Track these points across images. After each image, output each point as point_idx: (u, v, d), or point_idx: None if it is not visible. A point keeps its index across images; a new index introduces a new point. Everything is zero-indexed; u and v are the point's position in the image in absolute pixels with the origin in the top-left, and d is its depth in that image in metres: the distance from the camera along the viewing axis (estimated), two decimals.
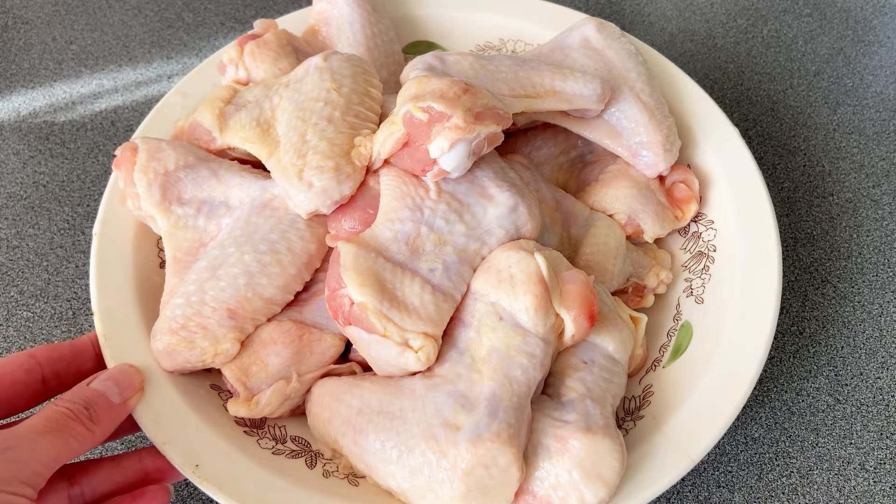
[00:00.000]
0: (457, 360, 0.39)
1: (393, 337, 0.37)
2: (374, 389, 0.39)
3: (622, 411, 0.44)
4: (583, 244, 0.47)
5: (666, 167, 0.49)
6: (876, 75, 0.70)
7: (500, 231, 0.41)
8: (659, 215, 0.49)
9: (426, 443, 0.36)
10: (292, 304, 0.43)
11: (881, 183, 0.62)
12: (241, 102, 0.46)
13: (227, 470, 0.38)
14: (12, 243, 0.57)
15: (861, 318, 0.54)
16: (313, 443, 0.42)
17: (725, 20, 0.74)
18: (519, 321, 0.39)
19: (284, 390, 0.41)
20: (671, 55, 0.69)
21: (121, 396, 0.38)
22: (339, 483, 0.40)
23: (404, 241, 0.40)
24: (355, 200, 0.42)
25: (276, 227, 0.43)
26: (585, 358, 0.41)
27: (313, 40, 0.56)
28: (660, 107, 0.49)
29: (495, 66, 0.45)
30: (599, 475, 0.36)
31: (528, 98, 0.45)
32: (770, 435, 0.49)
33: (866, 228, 0.59)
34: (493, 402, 0.36)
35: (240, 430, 0.42)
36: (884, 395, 0.51)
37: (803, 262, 0.57)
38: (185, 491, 0.45)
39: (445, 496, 0.36)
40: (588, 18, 0.52)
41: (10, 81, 0.66)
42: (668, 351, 0.46)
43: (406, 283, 0.38)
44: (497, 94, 0.44)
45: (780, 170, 0.63)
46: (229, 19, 0.73)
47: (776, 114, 0.67)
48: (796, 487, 0.47)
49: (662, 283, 0.49)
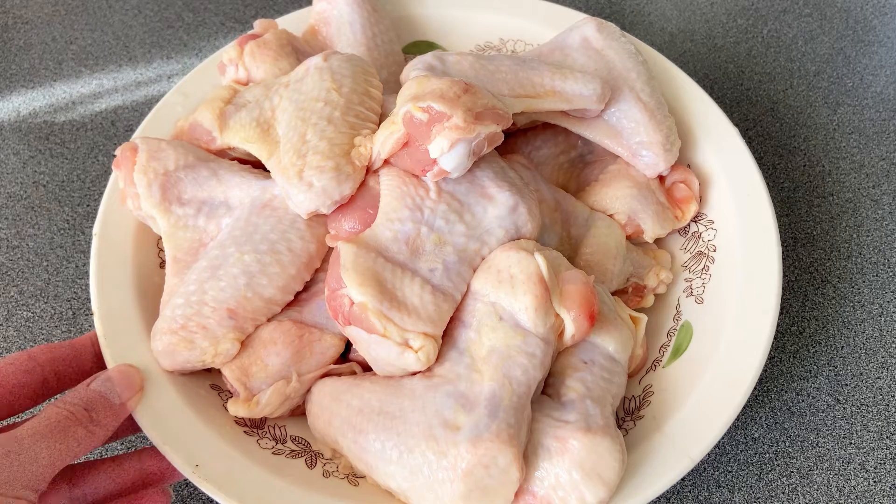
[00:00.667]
0: (457, 360, 0.39)
1: (393, 337, 0.37)
2: (374, 389, 0.39)
3: (622, 411, 0.44)
4: (583, 244, 0.47)
5: (666, 167, 0.49)
6: (876, 75, 0.70)
7: (500, 231, 0.41)
8: (659, 215, 0.49)
9: (426, 443, 0.36)
10: (292, 304, 0.43)
11: (881, 183, 0.62)
12: (241, 102, 0.46)
13: (227, 470, 0.38)
14: (12, 243, 0.57)
15: (861, 318, 0.54)
16: (313, 443, 0.42)
17: (725, 20, 0.74)
18: (519, 321, 0.39)
19: (284, 390, 0.41)
20: (671, 55, 0.69)
21: (121, 397, 0.38)
22: (339, 483, 0.40)
23: (404, 241, 0.40)
24: (355, 200, 0.42)
25: (276, 227, 0.43)
26: (585, 358, 0.41)
27: (313, 40, 0.56)
28: (660, 107, 0.49)
29: (495, 66, 0.45)
30: (599, 475, 0.36)
31: (529, 98, 0.45)
32: (770, 435, 0.49)
33: (866, 228, 0.59)
34: (493, 402, 0.36)
35: (240, 430, 0.42)
36: (884, 395, 0.51)
37: (803, 262, 0.57)
38: (185, 491, 0.45)
39: (445, 496, 0.36)
40: (588, 18, 0.52)
41: (10, 81, 0.66)
42: (668, 351, 0.46)
43: (406, 283, 0.38)
44: (497, 93, 0.44)
45: (780, 170, 0.63)
46: (229, 19, 0.73)
47: (776, 114, 0.67)
48: (796, 487, 0.47)
49: (662, 283, 0.49)
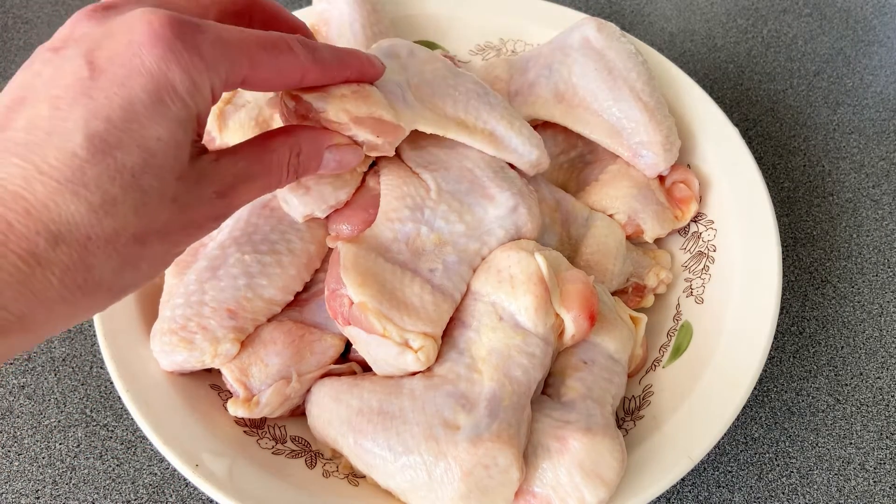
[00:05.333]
0: (457, 360, 0.39)
1: (392, 337, 0.37)
2: (373, 389, 0.39)
3: (622, 411, 0.44)
4: (583, 244, 0.47)
5: (666, 167, 0.49)
6: (876, 75, 0.70)
7: (500, 231, 0.41)
8: (659, 215, 0.49)
9: (426, 443, 0.36)
10: (292, 305, 0.43)
11: (881, 183, 0.62)
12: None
13: (227, 470, 0.38)
14: None
15: (861, 318, 0.54)
16: (313, 443, 0.42)
17: (725, 20, 0.74)
18: (519, 321, 0.39)
19: (284, 390, 0.41)
20: (671, 55, 0.69)
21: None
22: (339, 483, 0.40)
23: (404, 241, 0.40)
24: (355, 201, 0.42)
25: (276, 227, 0.43)
26: (585, 358, 0.41)
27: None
28: (660, 107, 0.49)
29: (457, 82, 0.43)
30: (599, 475, 0.36)
31: (461, 127, 0.42)
32: (770, 435, 0.49)
33: (866, 228, 0.59)
34: (493, 402, 0.36)
35: (240, 430, 0.42)
36: (884, 395, 0.51)
37: (803, 262, 0.57)
38: (185, 491, 0.45)
39: (445, 496, 0.36)
40: (588, 18, 0.52)
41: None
42: (668, 351, 0.46)
43: (406, 284, 0.38)
44: (436, 105, 0.41)
45: (780, 170, 0.63)
46: None
47: (776, 114, 0.67)
48: (796, 487, 0.47)
49: (662, 283, 0.49)
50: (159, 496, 0.45)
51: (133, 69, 0.26)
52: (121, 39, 0.27)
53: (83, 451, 0.47)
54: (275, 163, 0.33)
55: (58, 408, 0.48)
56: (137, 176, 0.26)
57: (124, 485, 0.46)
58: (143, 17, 0.27)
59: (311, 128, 0.35)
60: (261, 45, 0.30)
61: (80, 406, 0.49)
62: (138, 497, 0.45)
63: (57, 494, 0.45)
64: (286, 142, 0.33)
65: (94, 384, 0.49)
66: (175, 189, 0.28)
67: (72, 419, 0.48)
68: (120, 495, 0.45)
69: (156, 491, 0.45)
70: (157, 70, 0.26)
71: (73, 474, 0.46)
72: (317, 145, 0.35)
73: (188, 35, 0.27)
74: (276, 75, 0.31)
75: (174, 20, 0.27)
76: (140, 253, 0.28)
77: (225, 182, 0.30)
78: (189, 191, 0.29)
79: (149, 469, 0.46)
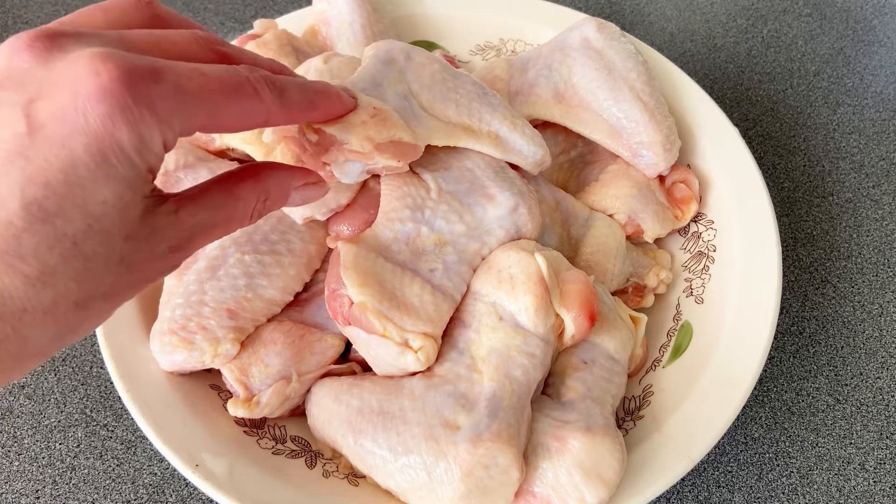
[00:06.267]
0: (457, 360, 0.39)
1: (392, 337, 0.37)
2: (373, 389, 0.39)
3: (622, 411, 0.44)
4: (583, 244, 0.47)
5: (666, 167, 0.49)
6: (876, 75, 0.70)
7: (500, 231, 0.41)
8: (659, 215, 0.49)
9: (426, 443, 0.36)
10: (292, 305, 0.43)
11: (881, 183, 0.62)
12: None
13: (227, 470, 0.38)
14: None
15: (861, 318, 0.54)
16: (313, 443, 0.42)
17: (725, 20, 0.74)
18: (519, 321, 0.39)
19: (284, 390, 0.41)
20: (671, 55, 0.69)
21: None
22: (339, 483, 0.40)
23: (405, 241, 0.40)
24: (356, 201, 0.42)
25: (276, 227, 0.43)
26: (585, 358, 0.41)
27: (313, 40, 0.56)
28: (660, 107, 0.49)
29: (456, 84, 0.43)
30: (599, 475, 0.36)
31: (466, 131, 0.42)
32: (770, 435, 0.49)
33: (866, 228, 0.59)
34: (493, 402, 0.36)
35: (240, 430, 0.42)
36: (884, 395, 0.51)
37: (803, 262, 0.57)
38: (185, 491, 0.45)
39: (445, 496, 0.36)
40: (588, 18, 0.52)
41: None
42: (668, 351, 0.46)
43: (406, 284, 0.38)
44: (440, 111, 0.41)
45: (780, 170, 0.63)
46: (229, 19, 0.73)
47: (776, 114, 0.67)
48: (796, 487, 0.47)
49: (662, 283, 0.49)
50: (159, 496, 0.45)
51: (75, 128, 0.24)
52: (64, 91, 0.24)
53: (83, 451, 0.47)
54: (239, 210, 0.31)
55: (58, 408, 0.48)
56: (80, 243, 0.24)
57: (124, 485, 0.46)
58: (91, 67, 0.24)
59: (279, 168, 0.33)
60: (223, 91, 0.27)
61: (80, 406, 0.49)
62: (138, 497, 0.45)
63: (57, 494, 0.45)
64: (255, 188, 0.31)
65: (94, 384, 0.49)
66: (122, 249, 0.26)
67: (72, 419, 0.48)
68: (120, 495, 0.45)
69: (156, 491, 0.45)
70: (101, 129, 0.24)
71: (73, 474, 0.46)
72: (285, 188, 0.33)
73: (140, 87, 0.24)
74: (236, 121, 0.29)
75: (126, 71, 0.24)
76: (81, 317, 0.26)
77: (182, 236, 0.28)
78: (138, 250, 0.27)
79: (149, 469, 0.46)
